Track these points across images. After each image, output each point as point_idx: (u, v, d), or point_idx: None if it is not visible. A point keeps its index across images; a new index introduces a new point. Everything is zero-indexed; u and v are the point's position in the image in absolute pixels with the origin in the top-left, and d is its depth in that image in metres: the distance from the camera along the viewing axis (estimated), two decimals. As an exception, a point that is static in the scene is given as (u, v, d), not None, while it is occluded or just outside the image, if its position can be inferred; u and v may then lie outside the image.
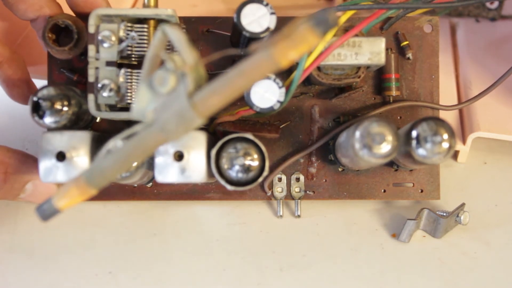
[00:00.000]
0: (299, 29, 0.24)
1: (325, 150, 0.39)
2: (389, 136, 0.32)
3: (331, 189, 0.39)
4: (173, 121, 0.27)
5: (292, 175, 0.39)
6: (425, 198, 0.39)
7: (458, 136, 0.42)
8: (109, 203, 0.39)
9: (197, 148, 0.33)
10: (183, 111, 0.26)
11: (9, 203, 0.39)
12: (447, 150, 0.33)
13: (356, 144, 0.32)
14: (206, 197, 0.39)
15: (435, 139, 0.32)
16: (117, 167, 0.28)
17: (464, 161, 0.42)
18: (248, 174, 0.33)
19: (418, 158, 0.33)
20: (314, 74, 0.36)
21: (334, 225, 0.39)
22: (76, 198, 0.29)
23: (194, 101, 0.26)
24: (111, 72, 0.34)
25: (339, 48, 0.35)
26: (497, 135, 0.41)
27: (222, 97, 0.26)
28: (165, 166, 0.33)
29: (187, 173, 0.33)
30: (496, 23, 0.48)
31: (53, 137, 0.33)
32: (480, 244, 0.39)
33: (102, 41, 0.34)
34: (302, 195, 0.39)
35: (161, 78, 0.27)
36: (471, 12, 0.48)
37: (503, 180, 0.42)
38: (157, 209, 0.40)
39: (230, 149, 0.33)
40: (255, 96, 0.35)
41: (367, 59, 0.35)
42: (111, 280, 0.37)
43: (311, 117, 0.39)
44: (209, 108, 0.26)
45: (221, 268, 0.38)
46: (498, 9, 0.48)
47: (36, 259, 0.38)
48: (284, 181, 0.39)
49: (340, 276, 0.37)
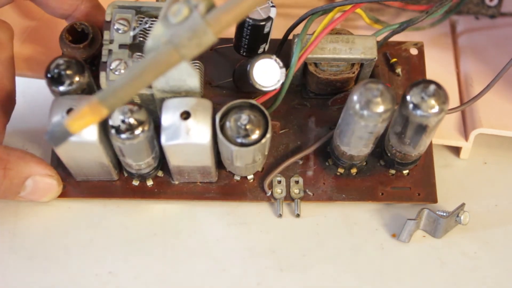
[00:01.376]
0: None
1: (323, 155, 0.40)
2: (385, 89, 0.33)
3: (329, 191, 0.39)
4: (186, 36, 0.28)
5: (291, 178, 0.39)
6: (422, 201, 0.39)
7: (460, 133, 0.42)
8: (109, 203, 0.39)
9: (203, 112, 0.34)
10: (197, 26, 0.28)
11: (9, 203, 0.39)
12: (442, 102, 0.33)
13: (357, 106, 0.33)
14: (206, 197, 0.39)
15: (429, 91, 0.33)
16: (130, 86, 0.28)
17: (467, 157, 0.42)
18: (251, 137, 0.34)
19: (417, 117, 0.33)
20: (312, 70, 0.38)
21: (334, 225, 0.39)
22: (88, 119, 0.28)
23: (207, 18, 0.28)
24: (123, 53, 0.36)
25: (334, 43, 0.38)
26: (500, 131, 0.41)
27: (233, 14, 0.27)
28: (172, 126, 0.34)
29: (192, 133, 0.34)
30: (495, 20, 0.48)
31: (63, 99, 0.34)
32: (480, 244, 0.39)
33: (118, 29, 0.36)
34: (302, 196, 0.39)
35: (175, 10, 0.29)
36: (470, 10, 0.48)
37: (503, 180, 0.42)
38: (157, 209, 0.39)
39: (234, 113, 0.34)
40: (257, 74, 0.36)
41: (360, 52, 0.38)
42: (111, 280, 0.37)
43: (308, 126, 0.41)
44: (221, 23, 0.28)
45: (221, 268, 0.38)
46: (498, 7, 0.48)
47: (36, 259, 0.38)
48: (283, 183, 0.39)
49: (340, 276, 0.37)
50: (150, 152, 0.36)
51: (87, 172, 0.38)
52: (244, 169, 0.38)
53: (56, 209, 0.39)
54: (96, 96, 0.28)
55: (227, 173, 0.39)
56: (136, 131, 0.33)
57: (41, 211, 0.39)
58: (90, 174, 0.38)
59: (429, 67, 0.45)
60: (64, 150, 0.35)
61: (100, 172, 0.38)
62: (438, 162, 0.42)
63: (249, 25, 0.37)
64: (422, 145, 0.37)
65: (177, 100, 0.34)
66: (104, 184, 0.39)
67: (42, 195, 0.38)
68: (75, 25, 0.38)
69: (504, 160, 0.42)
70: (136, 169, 0.37)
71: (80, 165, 0.37)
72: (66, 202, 0.39)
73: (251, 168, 0.38)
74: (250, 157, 0.35)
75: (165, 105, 0.34)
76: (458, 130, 0.42)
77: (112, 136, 0.34)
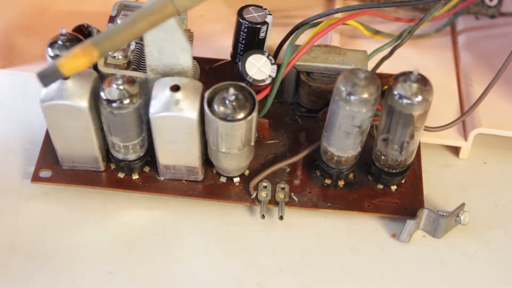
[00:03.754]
0: None
1: (311, 166, 0.40)
2: (370, 74, 0.34)
3: (315, 199, 0.39)
4: None
5: (278, 184, 0.39)
6: (410, 217, 0.39)
7: (459, 133, 0.42)
8: (109, 204, 0.39)
9: (193, 89, 0.35)
10: None
11: (9, 203, 0.39)
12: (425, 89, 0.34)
13: (343, 93, 0.34)
14: (191, 194, 0.39)
15: (412, 78, 0.34)
16: (123, 31, 0.29)
17: (466, 157, 0.42)
18: (237, 113, 0.34)
19: (401, 106, 0.34)
20: (304, 79, 0.40)
21: (334, 225, 0.39)
22: (79, 60, 0.29)
23: None
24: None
25: (327, 53, 0.40)
26: (499, 131, 0.41)
27: None
28: (161, 97, 0.35)
29: (181, 105, 0.34)
30: (495, 20, 0.48)
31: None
32: (480, 244, 0.39)
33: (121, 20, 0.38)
34: (287, 201, 0.39)
35: None
36: (470, 9, 0.49)
37: (503, 180, 0.42)
38: (157, 209, 0.40)
39: (223, 92, 0.35)
40: (249, 67, 0.38)
41: (351, 63, 0.39)
42: (111, 280, 0.37)
43: (298, 140, 0.41)
44: None
45: (221, 268, 0.38)
46: (497, 6, 0.48)
47: (36, 260, 0.38)
48: (269, 188, 0.39)
49: (340, 276, 0.37)
50: (138, 132, 0.36)
51: (74, 157, 0.38)
52: (230, 161, 0.37)
53: (56, 209, 0.39)
54: (89, 39, 0.29)
55: (214, 174, 0.40)
56: (126, 101, 0.34)
57: (41, 211, 0.39)
58: (77, 160, 0.38)
59: (429, 66, 0.45)
60: (53, 118, 0.36)
61: (87, 159, 0.38)
62: (437, 162, 0.42)
63: (245, 27, 0.38)
64: (409, 148, 0.37)
65: (169, 78, 0.35)
66: (89, 174, 0.39)
67: None
68: (82, 27, 0.38)
69: (504, 160, 0.43)
70: (123, 154, 0.38)
71: (68, 142, 0.37)
72: (66, 202, 0.39)
73: (237, 160, 0.37)
74: (237, 138, 0.35)
75: (156, 83, 0.35)
76: (457, 130, 0.42)
77: (102, 104, 0.34)
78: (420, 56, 0.46)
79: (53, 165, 0.39)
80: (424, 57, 0.46)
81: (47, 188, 0.40)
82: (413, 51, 0.46)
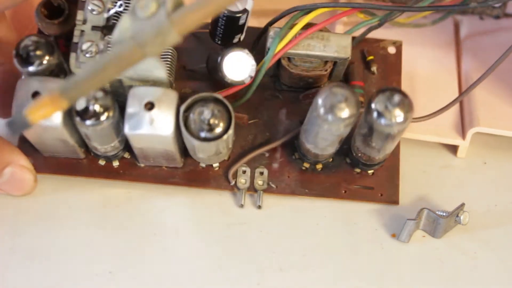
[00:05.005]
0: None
1: (290, 149, 0.40)
2: (350, 96, 0.33)
3: (293, 185, 0.39)
4: (150, 34, 0.28)
5: (256, 169, 0.39)
6: (384, 202, 0.39)
7: (457, 132, 0.42)
8: (109, 204, 0.39)
9: (167, 103, 0.34)
10: (161, 24, 0.27)
11: (9, 203, 0.39)
12: (407, 112, 0.33)
13: (321, 110, 0.33)
14: (170, 181, 0.39)
15: (394, 101, 0.33)
16: (91, 79, 0.29)
17: (464, 156, 0.42)
18: (213, 132, 0.34)
19: (380, 127, 0.34)
20: (284, 64, 0.38)
21: (334, 225, 0.39)
22: (47, 109, 0.29)
23: (172, 17, 0.28)
24: (95, 35, 0.36)
25: (309, 39, 0.38)
26: (497, 130, 0.41)
27: (199, 14, 0.27)
28: (136, 116, 0.34)
29: (156, 124, 0.34)
30: (500, 21, 0.48)
31: (30, 80, 0.34)
32: (480, 244, 0.39)
33: (92, 9, 0.36)
34: (265, 188, 0.39)
35: (143, 4, 0.29)
36: (475, 10, 0.48)
37: (503, 180, 0.42)
38: (157, 209, 0.40)
39: (199, 106, 0.34)
40: (227, 67, 0.37)
41: (334, 51, 0.38)
42: (111, 280, 0.37)
43: (278, 117, 0.41)
44: (186, 23, 0.27)
45: (221, 268, 0.38)
46: (502, 7, 0.48)
47: (36, 259, 0.38)
48: (248, 173, 0.39)
49: (340, 276, 0.37)
50: (116, 136, 0.36)
51: (53, 150, 0.38)
52: (208, 160, 0.38)
53: (56, 209, 0.39)
54: (57, 88, 0.29)
55: (193, 160, 0.39)
56: (101, 117, 0.34)
57: (41, 211, 0.39)
58: (56, 151, 0.38)
59: (430, 65, 0.45)
60: (30, 131, 0.35)
61: (66, 151, 0.38)
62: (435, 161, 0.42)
63: (224, 15, 0.37)
64: (388, 149, 0.37)
65: (143, 89, 0.34)
66: (70, 162, 0.39)
67: (17, 188, 0.38)
68: (52, 0, 0.37)
69: (504, 160, 0.42)
70: (102, 152, 0.38)
71: (46, 144, 0.37)
72: (66, 202, 0.39)
73: (215, 158, 0.38)
74: (213, 150, 0.36)
75: (131, 93, 0.34)
76: (455, 129, 0.42)
77: (76, 122, 0.34)
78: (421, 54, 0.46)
79: (33, 153, 0.39)
80: (425, 56, 0.46)
81: (47, 188, 0.40)
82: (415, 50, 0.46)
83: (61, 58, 0.36)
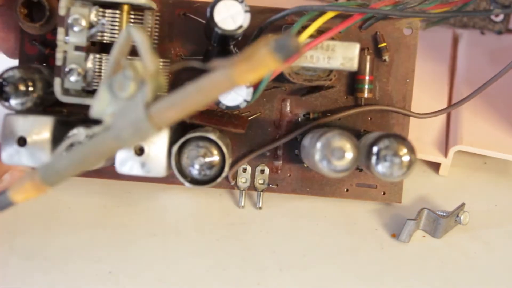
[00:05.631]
0: (259, 52, 0.24)
1: (292, 145, 0.39)
2: (349, 152, 0.32)
3: (294, 184, 0.39)
4: (128, 131, 0.27)
5: (257, 167, 0.39)
6: (387, 201, 0.39)
7: (440, 149, 0.41)
8: (109, 204, 0.39)
9: (158, 144, 0.34)
10: (139, 122, 0.27)
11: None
12: (406, 169, 0.32)
13: (316, 155, 0.32)
14: (170, 181, 0.39)
15: (395, 159, 0.32)
16: (71, 169, 0.29)
17: (446, 174, 0.42)
18: (208, 173, 0.34)
19: (377, 174, 0.33)
20: (285, 73, 0.36)
21: (334, 225, 0.39)
22: (31, 194, 0.29)
23: (151, 113, 0.27)
24: (79, 57, 0.34)
25: (312, 50, 0.35)
26: (479, 150, 0.40)
27: (178, 111, 0.26)
28: (126, 159, 0.33)
29: (147, 168, 0.33)
30: (501, 37, 0.47)
31: (15, 120, 0.33)
32: (480, 244, 0.39)
33: (72, 25, 0.34)
34: (265, 188, 0.39)
35: (121, 84, 0.28)
36: (476, 24, 0.47)
37: (503, 180, 0.42)
38: (157, 209, 0.40)
39: (192, 147, 0.34)
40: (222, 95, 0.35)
41: (339, 64, 0.35)
42: (111, 280, 0.37)
43: (281, 111, 0.40)
44: (165, 120, 0.27)
45: (221, 268, 0.38)
46: (504, 22, 0.47)
47: (36, 260, 0.38)
48: (248, 172, 0.39)
49: (340, 276, 0.37)
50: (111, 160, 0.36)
51: None
52: None
53: (56, 209, 0.39)
54: (39, 173, 0.29)
55: None
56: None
57: (41, 211, 0.39)
58: None
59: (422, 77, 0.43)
60: None
61: None
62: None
63: (217, 34, 0.34)
64: None
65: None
66: None
67: None
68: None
69: (503, 160, 0.42)
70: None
71: None
72: (66, 202, 0.39)
73: None
74: None
75: None
76: (438, 146, 0.42)
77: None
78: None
79: None
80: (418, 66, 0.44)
81: (47, 188, 0.40)
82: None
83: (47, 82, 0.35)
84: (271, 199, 0.40)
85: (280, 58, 0.24)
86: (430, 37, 0.46)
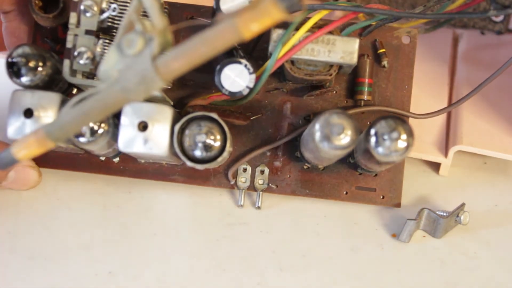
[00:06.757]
0: (264, 2, 0.25)
1: (293, 147, 0.40)
2: (348, 128, 0.32)
3: (293, 185, 0.39)
4: (134, 81, 0.27)
5: (257, 167, 0.39)
6: (386, 205, 0.39)
7: (441, 149, 0.41)
8: (109, 204, 0.39)
9: (162, 121, 0.34)
10: (146, 72, 0.27)
11: (9, 202, 0.39)
12: (404, 148, 0.32)
13: (316, 135, 0.32)
14: (170, 178, 0.39)
15: (393, 136, 0.32)
16: (76, 122, 0.29)
17: (446, 174, 0.42)
18: (208, 153, 0.34)
19: (376, 155, 0.33)
20: (287, 67, 0.37)
21: (334, 225, 0.39)
22: (34, 150, 0.29)
23: (157, 64, 0.27)
24: (89, 40, 0.35)
25: (313, 43, 0.35)
26: (479, 150, 0.40)
27: (184, 62, 0.27)
28: (129, 135, 0.34)
29: (149, 144, 0.34)
30: (501, 37, 0.47)
31: (23, 94, 0.34)
32: (480, 244, 0.39)
33: (85, 10, 0.35)
34: (265, 188, 0.39)
35: (129, 40, 0.28)
36: (476, 24, 0.47)
37: (503, 180, 0.42)
38: (157, 209, 0.40)
39: (194, 126, 0.34)
40: (225, 79, 0.35)
41: (339, 57, 0.36)
42: (111, 280, 0.37)
43: (282, 112, 0.40)
44: (171, 71, 0.27)
45: (221, 268, 0.38)
46: (504, 22, 0.47)
47: (36, 260, 0.38)
48: (248, 171, 0.39)
49: (340, 276, 0.37)
50: (113, 143, 0.36)
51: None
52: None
53: (56, 209, 0.39)
54: (43, 129, 0.29)
55: None
56: (96, 134, 0.34)
57: (41, 211, 0.39)
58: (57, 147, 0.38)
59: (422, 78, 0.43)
60: None
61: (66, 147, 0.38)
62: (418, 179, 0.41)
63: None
64: (388, 166, 0.37)
65: (138, 106, 0.34)
66: (71, 156, 0.39)
67: (23, 185, 0.39)
68: None
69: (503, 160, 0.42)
70: (103, 155, 0.38)
71: None
72: (67, 202, 0.39)
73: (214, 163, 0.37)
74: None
75: (125, 111, 0.34)
76: (439, 147, 0.41)
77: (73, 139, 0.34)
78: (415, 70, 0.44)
79: None
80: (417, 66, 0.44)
81: (47, 188, 0.40)
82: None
83: (56, 66, 0.35)
84: (271, 199, 0.40)
85: (283, 8, 0.25)
86: (430, 37, 0.46)
